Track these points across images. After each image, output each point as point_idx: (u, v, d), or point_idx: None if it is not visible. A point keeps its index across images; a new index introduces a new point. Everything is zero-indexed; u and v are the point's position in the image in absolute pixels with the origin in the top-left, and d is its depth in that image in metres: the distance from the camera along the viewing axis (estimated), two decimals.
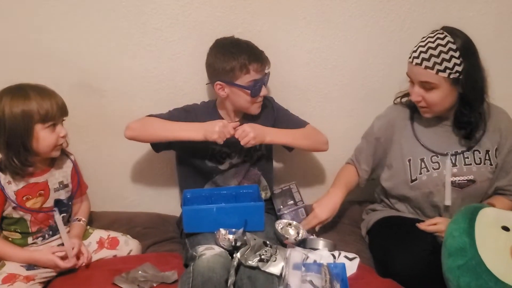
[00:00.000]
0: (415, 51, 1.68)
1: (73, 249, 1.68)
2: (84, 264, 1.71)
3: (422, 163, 1.80)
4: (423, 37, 1.71)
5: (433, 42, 1.65)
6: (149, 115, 1.88)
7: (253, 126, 1.80)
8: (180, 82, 2.03)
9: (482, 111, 1.75)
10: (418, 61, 1.66)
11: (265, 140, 1.82)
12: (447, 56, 1.63)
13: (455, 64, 1.64)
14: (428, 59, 1.64)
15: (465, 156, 1.78)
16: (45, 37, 1.93)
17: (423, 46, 1.67)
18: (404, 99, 1.90)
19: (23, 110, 1.59)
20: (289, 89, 2.09)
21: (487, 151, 1.78)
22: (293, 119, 2.00)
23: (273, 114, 1.98)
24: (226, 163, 1.93)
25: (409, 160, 1.82)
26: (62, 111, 1.67)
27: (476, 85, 1.69)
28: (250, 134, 1.77)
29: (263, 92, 1.86)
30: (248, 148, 1.87)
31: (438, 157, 1.79)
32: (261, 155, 1.96)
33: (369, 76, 2.11)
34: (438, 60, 1.63)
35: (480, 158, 1.78)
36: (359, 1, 2.01)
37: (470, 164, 1.77)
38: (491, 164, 1.78)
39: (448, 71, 1.64)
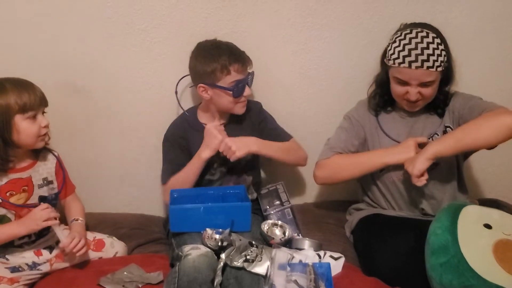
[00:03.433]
0: (408, 55, 1.69)
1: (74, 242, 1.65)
2: (80, 247, 1.66)
3: None
4: (400, 38, 1.73)
5: (421, 42, 1.69)
6: (165, 183, 1.91)
7: (234, 140, 1.82)
8: (166, 83, 2.02)
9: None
10: (418, 64, 1.68)
11: (251, 149, 1.84)
12: (439, 51, 1.69)
13: (444, 56, 1.70)
14: (427, 59, 1.67)
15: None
16: (28, 37, 1.92)
17: (415, 48, 1.69)
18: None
19: (1, 104, 1.56)
20: (274, 90, 2.10)
21: (443, 132, 1.82)
22: (278, 131, 2.00)
23: (258, 118, 1.99)
24: (217, 173, 1.94)
25: None
26: (42, 100, 1.64)
27: (452, 64, 1.77)
28: (232, 147, 1.79)
29: (246, 92, 1.86)
30: None
31: None
32: (249, 159, 1.97)
33: (354, 77, 2.12)
34: (435, 58, 1.68)
35: None
36: (343, 2, 2.02)
37: None
38: None
39: (442, 64, 1.70)
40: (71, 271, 1.72)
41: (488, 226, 1.54)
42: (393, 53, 1.73)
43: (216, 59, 1.80)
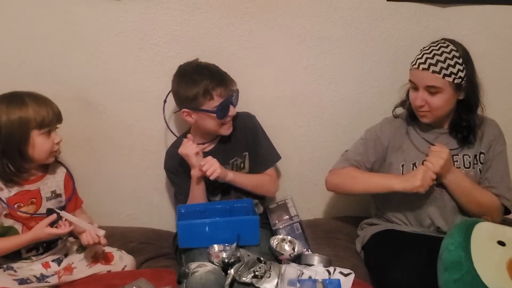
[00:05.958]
0: (420, 58, 1.76)
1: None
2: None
3: (414, 167, 1.84)
4: (425, 47, 1.80)
5: (437, 50, 1.75)
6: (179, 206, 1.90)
7: (208, 161, 1.80)
8: None
9: (477, 117, 1.84)
10: (425, 66, 1.73)
11: (226, 178, 1.84)
12: (452, 62, 1.72)
13: (458, 70, 1.73)
14: (435, 64, 1.72)
15: (454, 159, 1.83)
16: (42, 51, 1.94)
17: (429, 53, 1.75)
18: (399, 111, 1.96)
19: (20, 117, 1.60)
20: (284, 105, 2.11)
21: (475, 156, 1.85)
22: (266, 155, 1.98)
23: (252, 132, 1.96)
24: (219, 195, 1.94)
25: (402, 165, 1.86)
26: (58, 117, 1.69)
27: (476, 90, 1.79)
28: (217, 168, 1.78)
29: (231, 112, 1.83)
30: None
31: None
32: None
33: (364, 93, 2.13)
34: (445, 65, 1.72)
35: (469, 162, 1.84)
36: (354, 19, 2.04)
37: (459, 167, 1.82)
38: (480, 169, 1.85)
39: (453, 76, 1.72)
40: (79, 284, 1.71)
41: (501, 243, 1.52)
42: (412, 60, 1.79)
43: (197, 83, 1.78)
